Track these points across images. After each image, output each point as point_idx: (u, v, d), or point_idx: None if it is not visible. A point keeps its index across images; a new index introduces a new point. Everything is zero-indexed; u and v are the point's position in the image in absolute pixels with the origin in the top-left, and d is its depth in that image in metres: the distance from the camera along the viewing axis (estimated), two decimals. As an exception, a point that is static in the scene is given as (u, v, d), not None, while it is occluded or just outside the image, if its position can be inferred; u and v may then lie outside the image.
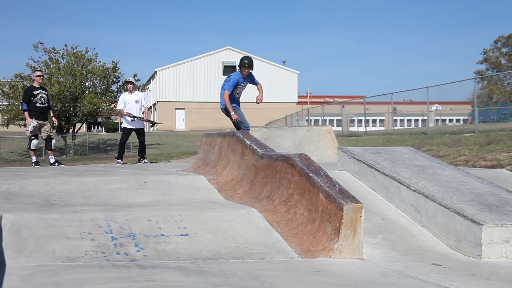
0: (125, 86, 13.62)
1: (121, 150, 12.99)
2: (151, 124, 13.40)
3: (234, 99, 9.31)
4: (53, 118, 12.57)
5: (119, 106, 13.07)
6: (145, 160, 13.09)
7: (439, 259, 4.50)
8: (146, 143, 13.48)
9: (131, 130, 12.85)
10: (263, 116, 52.92)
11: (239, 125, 9.22)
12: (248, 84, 9.37)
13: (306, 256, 4.30)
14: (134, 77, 40.34)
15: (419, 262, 4.35)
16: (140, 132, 12.96)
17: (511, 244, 4.60)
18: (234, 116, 9.20)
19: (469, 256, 4.65)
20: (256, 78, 9.54)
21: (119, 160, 12.97)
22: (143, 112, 13.08)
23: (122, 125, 13.13)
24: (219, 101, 9.45)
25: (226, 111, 9.33)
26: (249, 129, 8.98)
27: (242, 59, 9.24)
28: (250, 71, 9.22)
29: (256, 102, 9.36)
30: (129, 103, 12.74)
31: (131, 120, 12.64)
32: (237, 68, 9.31)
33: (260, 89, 9.51)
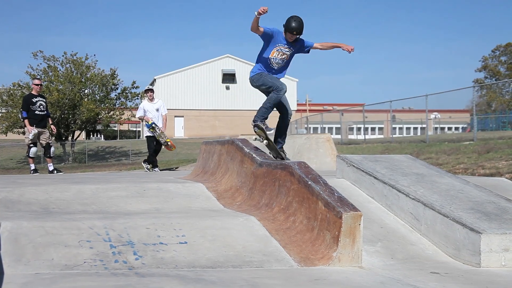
0: (145, 94, 13.73)
1: (150, 157, 13.39)
2: (163, 142, 13.51)
3: (269, 67, 6.61)
4: (52, 126, 12.60)
5: (139, 114, 13.36)
6: (156, 169, 13.25)
7: (438, 267, 4.50)
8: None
9: (154, 137, 13.15)
10: (262, 124, 52.97)
11: (269, 89, 6.55)
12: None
13: (305, 264, 4.29)
14: (133, 85, 40.41)
15: (418, 271, 4.35)
16: (157, 141, 13.22)
17: (510, 253, 4.59)
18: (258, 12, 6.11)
19: (468, 264, 4.65)
20: (309, 41, 6.73)
21: (147, 165, 13.38)
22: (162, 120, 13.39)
23: (145, 135, 13.45)
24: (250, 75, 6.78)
25: (258, 85, 6.67)
26: (282, 90, 6.51)
27: (288, 20, 6.43)
28: (297, 37, 6.54)
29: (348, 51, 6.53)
30: (150, 112, 13.07)
31: (152, 128, 12.90)
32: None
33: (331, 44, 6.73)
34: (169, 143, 13.44)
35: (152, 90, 13.43)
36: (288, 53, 6.62)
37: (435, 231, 5.06)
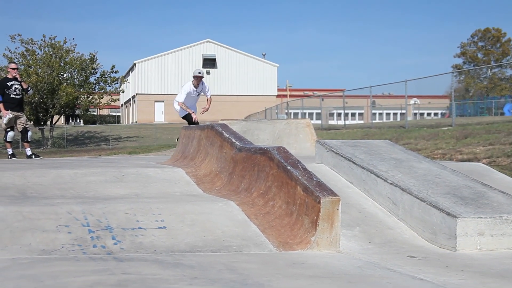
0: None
1: None
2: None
3: None
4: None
5: (180, 99, 12.76)
6: None
7: (415, 251, 4.55)
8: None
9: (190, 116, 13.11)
10: (243, 109, 52.87)
11: None
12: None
13: (284, 248, 4.31)
14: (112, 69, 40.04)
15: (395, 255, 4.40)
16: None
17: (485, 236, 4.67)
18: None
19: (444, 248, 4.71)
20: None
21: None
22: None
23: (182, 115, 13.27)
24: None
25: None
26: None
27: None
28: None
29: None
30: (191, 96, 12.93)
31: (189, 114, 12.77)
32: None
33: None
34: None
35: (200, 77, 12.72)
36: None
37: (412, 215, 5.11)
